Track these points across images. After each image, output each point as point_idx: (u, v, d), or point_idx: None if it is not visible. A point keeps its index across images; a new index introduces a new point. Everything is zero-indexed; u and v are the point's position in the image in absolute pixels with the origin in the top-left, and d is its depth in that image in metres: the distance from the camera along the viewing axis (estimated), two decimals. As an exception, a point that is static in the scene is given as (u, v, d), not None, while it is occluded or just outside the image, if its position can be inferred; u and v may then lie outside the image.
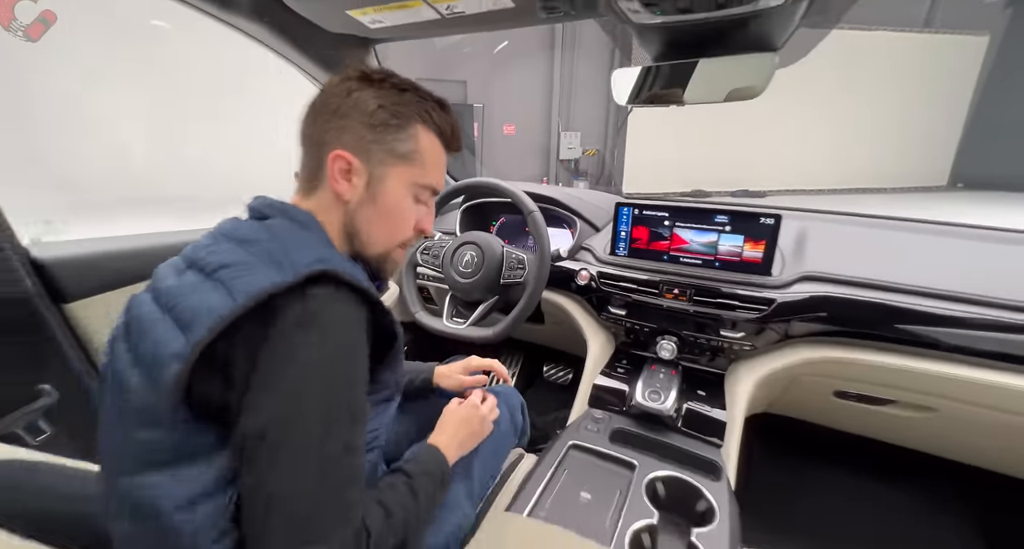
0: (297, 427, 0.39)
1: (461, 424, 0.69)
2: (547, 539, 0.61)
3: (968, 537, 1.05)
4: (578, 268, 1.07)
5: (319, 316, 0.42)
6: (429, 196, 0.59)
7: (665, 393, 0.90)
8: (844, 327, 0.85)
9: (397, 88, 0.54)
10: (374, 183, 0.54)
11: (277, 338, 0.40)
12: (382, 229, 0.56)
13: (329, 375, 0.42)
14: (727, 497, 0.71)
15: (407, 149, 0.54)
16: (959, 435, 0.90)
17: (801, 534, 1.07)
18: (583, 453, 0.82)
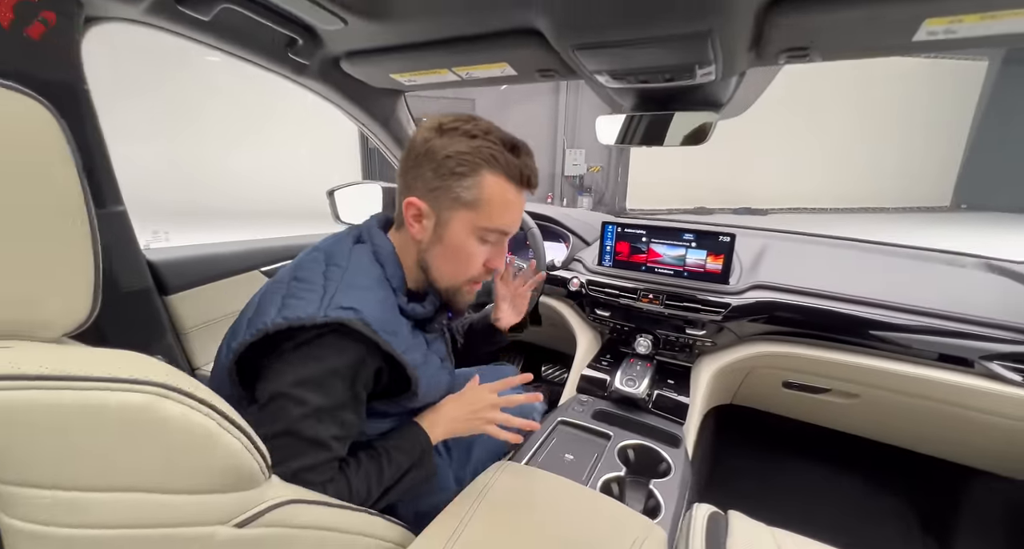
0: (281, 413, 0.53)
1: (460, 406, 0.70)
2: (537, 478, 0.78)
3: (902, 511, 1.21)
4: (570, 276, 1.26)
5: (319, 357, 0.53)
6: (498, 237, 0.63)
7: (640, 381, 1.07)
8: (786, 327, 1.03)
9: (468, 136, 0.58)
10: (440, 226, 0.60)
11: (286, 355, 0.54)
12: (448, 266, 0.63)
13: (321, 382, 0.53)
14: (683, 460, 0.89)
15: (472, 197, 0.58)
16: (878, 418, 1.06)
17: (759, 504, 1.23)
18: (569, 427, 0.99)
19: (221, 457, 0.37)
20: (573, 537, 0.59)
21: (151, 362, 0.37)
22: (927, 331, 0.91)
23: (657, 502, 0.77)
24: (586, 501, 0.68)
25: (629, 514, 0.67)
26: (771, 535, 0.80)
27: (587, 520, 0.63)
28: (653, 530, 0.64)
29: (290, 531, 0.43)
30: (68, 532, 0.31)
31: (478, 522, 0.59)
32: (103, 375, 0.33)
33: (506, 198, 0.60)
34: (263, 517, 0.40)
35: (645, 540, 0.62)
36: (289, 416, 0.52)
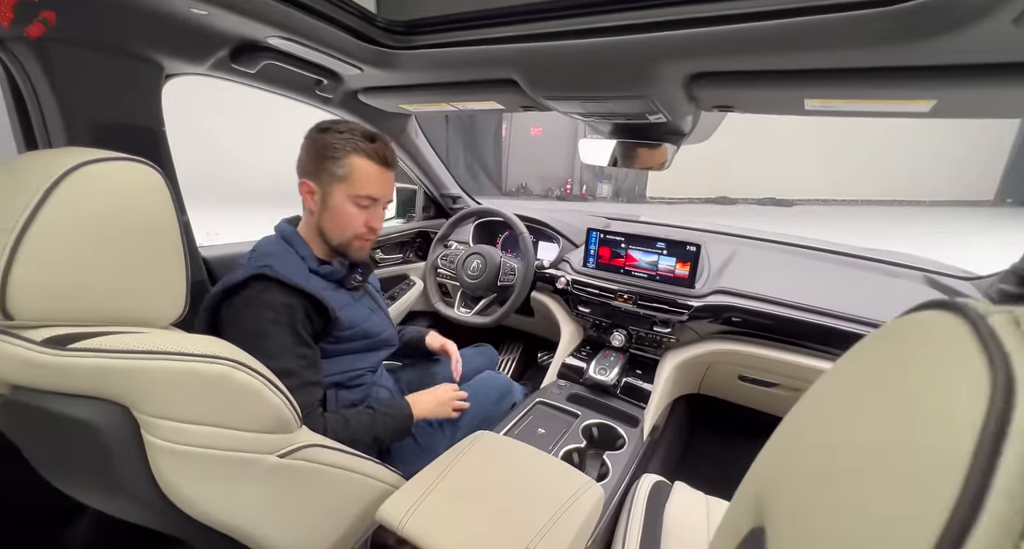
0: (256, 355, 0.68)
1: (431, 397, 0.95)
2: (506, 445, 0.97)
3: None
4: (558, 275, 1.42)
5: (253, 300, 0.74)
6: (370, 202, 0.84)
7: (611, 370, 1.24)
8: (740, 328, 1.17)
9: (337, 132, 0.81)
10: (325, 197, 0.82)
11: (234, 310, 0.75)
12: (335, 226, 0.84)
13: (265, 331, 0.73)
14: (637, 437, 1.06)
15: (343, 173, 0.80)
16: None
17: (716, 482, 1.39)
18: (545, 407, 1.17)
19: (268, 409, 0.56)
20: (526, 489, 0.77)
21: (225, 344, 0.56)
22: (859, 337, 1.04)
23: (608, 469, 0.95)
24: (543, 464, 0.86)
25: (576, 475, 0.85)
26: (705, 502, 0.97)
27: (540, 477, 0.81)
28: (592, 487, 0.82)
29: (315, 466, 0.62)
30: (181, 448, 0.50)
31: (454, 475, 0.77)
32: (197, 352, 0.52)
33: (368, 172, 0.82)
34: (297, 453, 0.60)
35: (584, 494, 0.79)
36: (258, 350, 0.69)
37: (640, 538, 0.89)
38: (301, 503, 0.62)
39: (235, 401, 0.53)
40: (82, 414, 0.47)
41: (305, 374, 0.75)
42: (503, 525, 0.64)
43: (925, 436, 0.17)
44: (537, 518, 0.65)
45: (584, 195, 10.35)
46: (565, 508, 0.67)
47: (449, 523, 0.64)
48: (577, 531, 0.63)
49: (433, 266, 1.56)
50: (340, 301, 0.87)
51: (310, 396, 0.75)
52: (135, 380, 0.48)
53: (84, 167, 0.50)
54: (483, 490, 0.73)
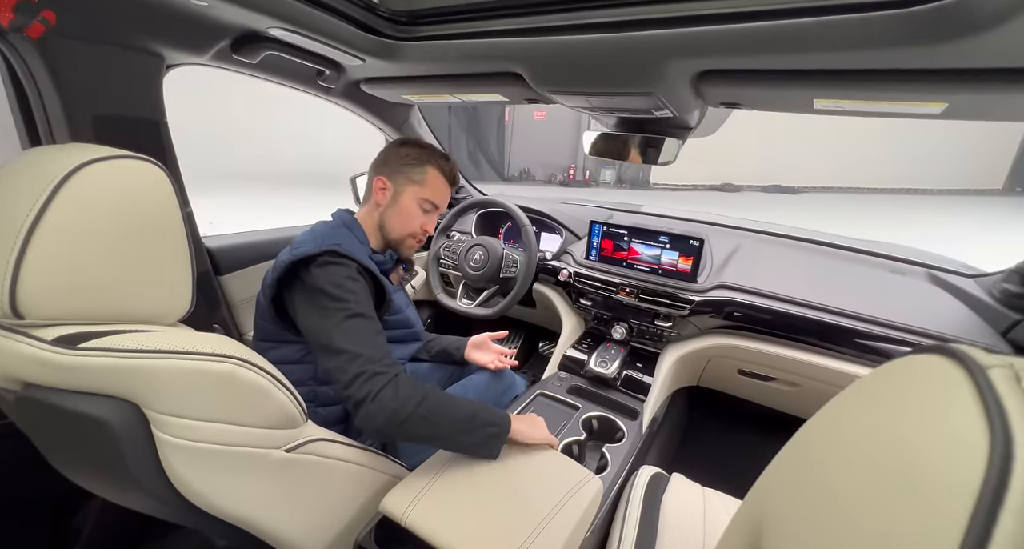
0: (319, 324, 0.73)
1: (531, 425, 0.85)
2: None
3: None
4: (561, 267, 1.42)
5: (326, 266, 0.76)
6: (431, 208, 0.94)
7: (611, 363, 1.25)
8: (741, 323, 1.17)
9: (419, 146, 0.93)
10: (396, 195, 0.91)
11: (306, 277, 0.76)
12: (398, 222, 0.92)
13: (331, 294, 0.74)
14: (636, 430, 1.07)
15: (419, 178, 0.91)
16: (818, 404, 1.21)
17: (713, 473, 1.42)
18: (546, 399, 1.19)
19: (275, 405, 0.57)
20: (526, 481, 0.78)
21: (233, 343, 0.57)
22: (859, 334, 1.04)
23: (607, 461, 0.97)
24: (543, 457, 0.87)
25: (576, 468, 0.86)
26: (701, 493, 0.99)
27: (540, 470, 0.82)
28: (591, 480, 0.83)
29: (321, 459, 0.64)
30: (190, 443, 0.52)
31: (455, 467, 0.79)
32: (205, 351, 0.52)
33: (439, 183, 0.93)
34: (303, 447, 0.61)
35: (583, 487, 0.80)
36: (334, 314, 0.73)
37: (637, 529, 0.92)
38: (307, 495, 0.64)
39: (242, 398, 0.54)
40: (94, 411, 0.48)
41: (379, 327, 0.77)
42: (503, 518, 0.66)
43: (921, 493, 0.17)
44: (536, 511, 0.67)
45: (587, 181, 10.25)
46: (564, 501, 0.68)
47: (450, 515, 0.66)
48: (576, 524, 0.65)
49: (435, 257, 1.56)
50: (389, 287, 0.92)
51: (388, 354, 0.73)
52: (145, 379, 0.49)
53: (89, 166, 0.50)
54: (483, 483, 0.74)
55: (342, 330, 0.72)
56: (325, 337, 0.72)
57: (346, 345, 0.70)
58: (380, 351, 0.72)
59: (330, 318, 0.73)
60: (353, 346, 0.70)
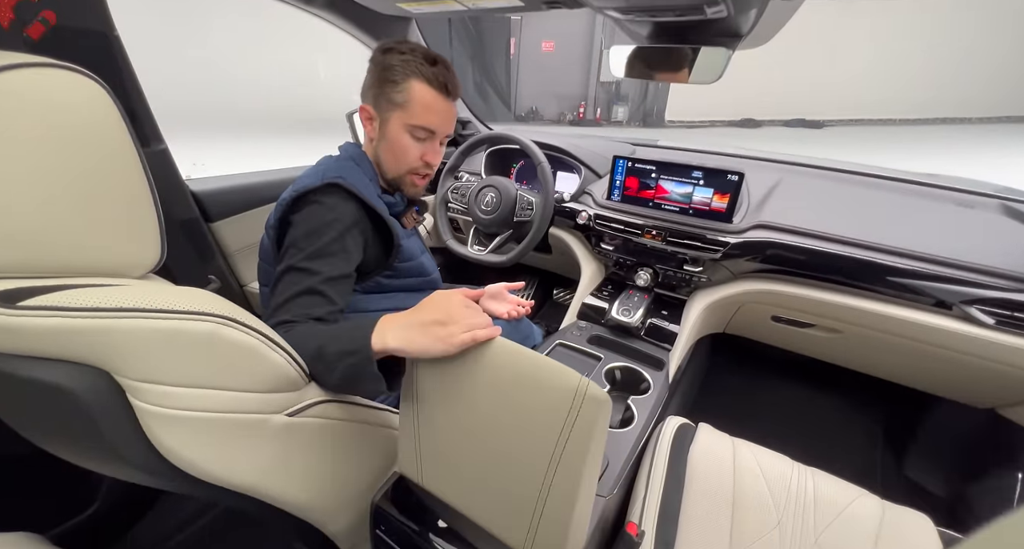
0: (294, 250, 0.68)
1: (418, 315, 0.55)
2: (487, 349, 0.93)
3: (869, 427, 1.35)
4: (579, 210, 1.30)
5: (324, 201, 0.70)
6: (426, 135, 0.79)
7: (635, 311, 1.17)
8: (780, 266, 1.07)
9: (399, 52, 0.75)
10: (383, 125, 0.78)
11: (303, 207, 0.70)
12: (391, 157, 0.81)
13: (319, 231, 0.69)
14: (662, 380, 1.01)
15: (401, 99, 0.75)
16: (858, 351, 1.14)
17: (739, 421, 1.39)
18: (566, 349, 1.12)
19: (268, 368, 0.50)
20: (520, 406, 0.52)
21: (215, 298, 0.49)
22: (913, 274, 0.94)
23: (632, 414, 0.91)
24: (520, 365, 0.53)
25: (567, 374, 0.67)
26: (731, 443, 0.95)
27: (525, 388, 0.52)
28: (589, 387, 0.52)
29: (327, 421, 0.58)
30: (172, 412, 0.45)
31: (428, 402, 0.58)
32: (180, 308, 0.44)
33: (426, 100, 0.76)
34: (307, 411, 0.55)
35: (585, 397, 0.49)
36: (292, 258, 0.68)
37: (664, 483, 0.88)
38: (315, 459, 0.58)
39: (228, 361, 0.47)
40: (54, 379, 0.41)
41: (324, 285, 0.67)
42: (510, 462, 0.54)
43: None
44: (543, 445, 0.50)
45: (598, 120, 9.69)
46: (570, 424, 0.49)
47: (455, 470, 0.59)
48: (592, 448, 0.49)
49: (443, 200, 1.44)
50: (400, 232, 0.84)
51: (310, 306, 0.65)
52: (108, 341, 0.41)
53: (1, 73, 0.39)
54: (476, 415, 0.55)
55: (284, 278, 0.68)
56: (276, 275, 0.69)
57: (275, 288, 0.68)
58: (297, 303, 0.66)
59: (287, 260, 0.69)
60: (277, 289, 0.67)
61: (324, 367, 0.56)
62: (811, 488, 0.85)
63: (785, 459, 0.91)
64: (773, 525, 0.82)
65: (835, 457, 1.32)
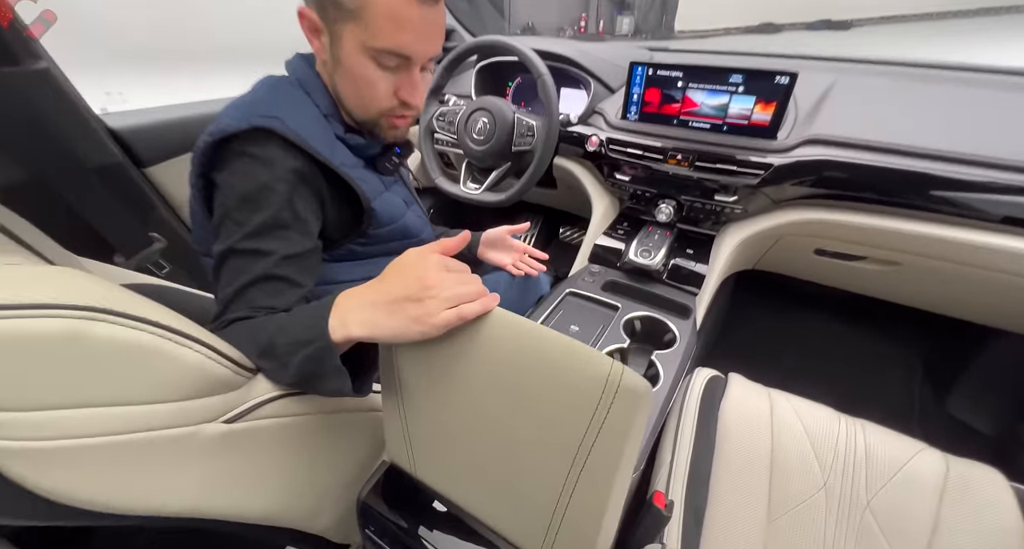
0: (231, 224, 0.52)
1: (400, 285, 0.40)
2: (497, 323, 0.81)
3: (908, 361, 1.25)
4: (588, 134, 1.10)
5: (256, 153, 0.51)
6: (399, 62, 0.54)
7: (656, 251, 1.01)
8: (833, 190, 0.89)
9: None
10: (334, 44, 0.54)
11: (229, 161, 0.52)
12: (352, 94, 0.58)
13: (257, 197, 0.51)
14: (689, 330, 0.88)
15: (353, 4, 0.49)
16: (915, 285, 0.99)
17: (768, 362, 1.29)
18: (577, 298, 0.99)
19: (178, 370, 0.36)
20: (536, 392, 0.39)
21: (86, 282, 0.34)
22: (997, 188, 0.76)
23: (657, 371, 0.80)
24: (551, 345, 0.56)
25: (598, 359, 0.64)
26: (767, 396, 0.84)
27: (545, 372, 0.39)
28: (625, 374, 0.52)
29: (286, 420, 0.46)
30: (44, 445, 0.32)
31: (421, 384, 0.47)
32: (19, 302, 0.30)
33: (394, 8, 0.49)
34: (255, 411, 0.42)
35: (620, 384, 0.37)
36: (231, 236, 0.51)
37: (693, 443, 0.79)
38: (278, 464, 0.47)
39: (110, 366, 0.33)
40: None
41: (282, 268, 0.52)
42: (519, 461, 0.42)
43: None
44: (561, 444, 0.38)
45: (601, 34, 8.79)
46: (598, 421, 0.36)
47: (453, 464, 0.48)
48: (625, 453, 0.37)
49: (428, 130, 1.23)
50: (373, 187, 0.64)
51: (272, 296, 0.51)
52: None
53: None
54: (474, 406, 0.43)
55: (228, 264, 0.52)
56: (221, 242, 0.52)
57: (218, 277, 0.52)
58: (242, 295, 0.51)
59: (225, 238, 0.52)
60: (221, 278, 0.52)
61: (277, 363, 0.45)
62: (861, 444, 0.75)
63: (829, 411, 0.80)
64: (818, 487, 0.73)
65: (868, 394, 1.24)
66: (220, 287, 0.51)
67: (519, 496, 0.44)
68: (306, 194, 0.55)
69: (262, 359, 0.44)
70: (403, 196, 0.74)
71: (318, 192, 0.57)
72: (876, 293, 1.11)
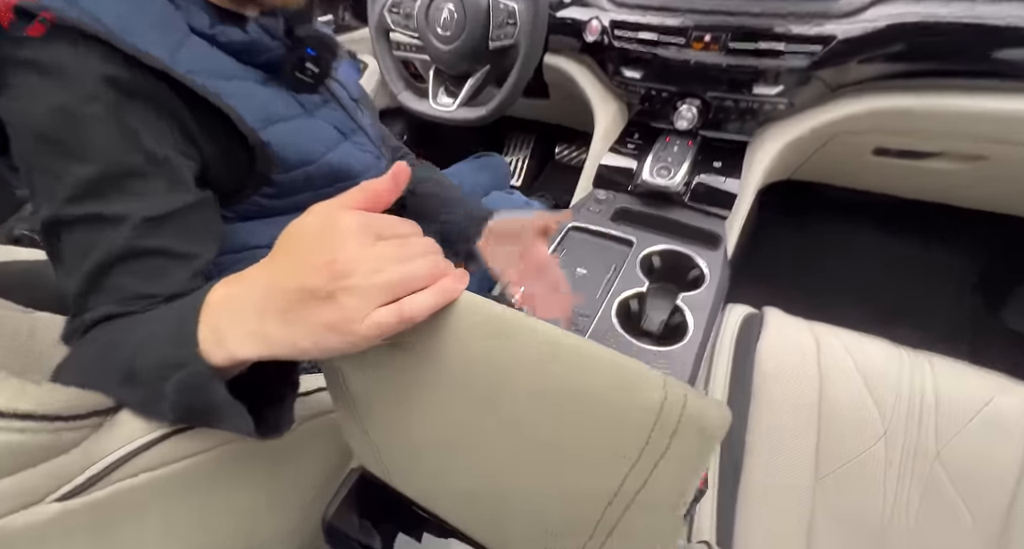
0: (48, 180, 0.35)
1: (298, 272, 0.24)
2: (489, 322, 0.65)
3: (961, 272, 1.11)
4: (587, 18, 0.85)
5: (41, 61, 0.33)
6: None
7: (676, 168, 0.82)
8: (919, 65, 0.67)
9: None
10: None
11: (4, 80, 0.34)
12: None
13: (63, 135, 0.34)
14: (720, 264, 0.73)
15: None
16: (999, 183, 0.81)
17: (802, 286, 1.15)
18: (582, 233, 0.82)
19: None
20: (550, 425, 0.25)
21: None
22: None
23: (683, 320, 0.65)
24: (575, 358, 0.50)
25: (647, 376, 0.52)
26: (810, 331, 0.71)
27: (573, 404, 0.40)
28: (676, 391, 0.43)
29: (182, 465, 0.32)
30: None
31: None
32: None
33: None
34: (116, 471, 0.28)
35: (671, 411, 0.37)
36: (51, 199, 0.34)
37: (727, 394, 0.67)
38: (192, 524, 0.34)
39: None
40: None
41: (150, 236, 0.36)
42: (526, 498, 0.30)
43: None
44: (591, 485, 0.26)
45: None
46: (648, 465, 0.23)
47: (438, 481, 0.36)
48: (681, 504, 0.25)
49: (381, 29, 0.97)
50: (270, 109, 0.45)
51: (149, 278, 0.36)
52: None
53: None
54: (458, 429, 0.31)
55: (63, 241, 0.35)
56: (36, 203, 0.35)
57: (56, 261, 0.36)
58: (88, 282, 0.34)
59: (42, 202, 0.35)
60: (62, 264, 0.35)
61: (145, 394, 0.29)
62: (929, 383, 0.63)
63: (887, 346, 0.68)
64: (876, 437, 0.62)
65: (915, 310, 1.11)
66: (62, 274, 0.35)
67: (528, 528, 0.32)
68: (151, 119, 0.36)
69: (124, 389, 0.30)
70: (336, 122, 0.54)
71: (173, 115, 0.38)
72: (937, 196, 0.92)
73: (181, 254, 0.37)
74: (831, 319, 0.69)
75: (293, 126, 0.47)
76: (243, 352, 0.25)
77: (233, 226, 0.47)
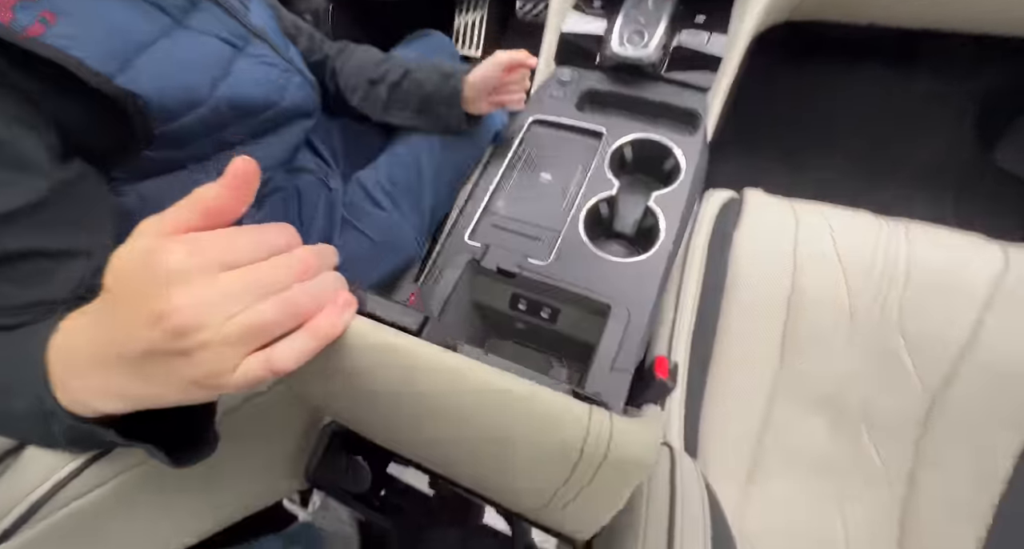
0: None
1: (129, 321, 0.19)
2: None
3: (960, 105, 1.02)
4: None
5: None
6: None
7: (651, 31, 0.67)
8: None
9: None
10: None
11: None
12: None
13: None
14: (698, 150, 0.65)
15: None
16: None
17: (793, 142, 1.06)
18: (546, 128, 0.72)
19: None
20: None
21: None
22: None
23: (656, 223, 0.61)
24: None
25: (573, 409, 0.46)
26: (791, 211, 0.68)
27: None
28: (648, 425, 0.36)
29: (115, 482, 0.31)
30: None
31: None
32: None
33: None
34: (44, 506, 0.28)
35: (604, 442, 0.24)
36: None
37: (700, 288, 0.66)
38: (163, 511, 0.36)
39: None
40: None
41: (11, 235, 0.30)
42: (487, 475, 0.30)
43: None
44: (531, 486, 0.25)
45: None
46: (576, 486, 0.21)
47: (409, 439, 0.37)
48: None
49: None
50: (125, 32, 0.34)
51: (29, 284, 0.30)
52: None
53: None
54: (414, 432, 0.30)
55: None
56: None
57: None
58: None
59: None
60: None
61: (39, 435, 0.26)
62: (903, 253, 0.62)
63: (868, 218, 0.65)
64: (842, 319, 0.63)
65: (905, 149, 1.04)
66: None
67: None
68: None
69: (12, 430, 0.27)
70: (219, 29, 0.41)
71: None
72: (946, 23, 0.78)
73: (65, 251, 0.31)
74: (818, 183, 0.63)
75: (161, 53, 0.36)
76: (109, 409, 0.22)
77: (136, 188, 0.39)
